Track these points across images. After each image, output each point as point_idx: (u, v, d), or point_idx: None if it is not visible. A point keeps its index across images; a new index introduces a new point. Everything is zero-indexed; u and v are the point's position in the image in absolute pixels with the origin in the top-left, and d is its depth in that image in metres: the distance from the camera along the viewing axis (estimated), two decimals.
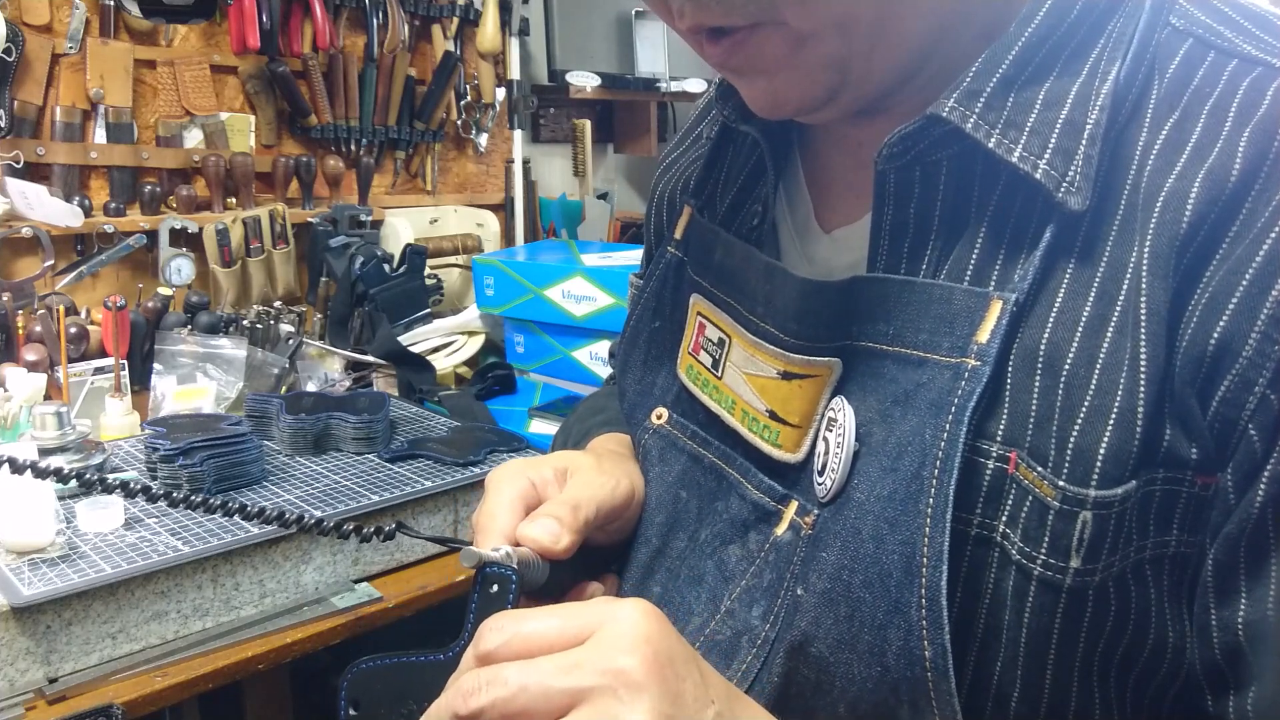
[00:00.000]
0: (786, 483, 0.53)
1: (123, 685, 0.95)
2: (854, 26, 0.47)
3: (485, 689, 0.41)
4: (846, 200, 0.58)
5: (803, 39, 0.47)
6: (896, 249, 0.51)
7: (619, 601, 0.44)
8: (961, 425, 0.45)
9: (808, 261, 0.58)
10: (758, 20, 0.47)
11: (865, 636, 0.46)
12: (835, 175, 0.59)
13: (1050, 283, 0.46)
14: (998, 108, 0.47)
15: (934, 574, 0.43)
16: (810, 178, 0.60)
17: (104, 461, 1.24)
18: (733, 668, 0.52)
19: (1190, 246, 0.44)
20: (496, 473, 0.59)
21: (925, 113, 0.48)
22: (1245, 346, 0.42)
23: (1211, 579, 0.44)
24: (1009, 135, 0.46)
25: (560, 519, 0.54)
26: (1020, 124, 0.47)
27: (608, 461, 0.62)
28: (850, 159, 0.57)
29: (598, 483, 0.58)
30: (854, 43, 0.47)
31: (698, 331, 0.59)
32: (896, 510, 0.46)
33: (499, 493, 0.57)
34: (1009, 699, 0.47)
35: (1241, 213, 0.43)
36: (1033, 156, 0.46)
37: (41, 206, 1.58)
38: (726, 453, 0.57)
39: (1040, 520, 0.44)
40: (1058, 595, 0.44)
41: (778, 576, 0.52)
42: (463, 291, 2.13)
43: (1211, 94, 0.46)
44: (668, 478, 0.61)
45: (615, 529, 0.60)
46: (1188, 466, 0.44)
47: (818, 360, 0.51)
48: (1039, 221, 0.47)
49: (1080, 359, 0.44)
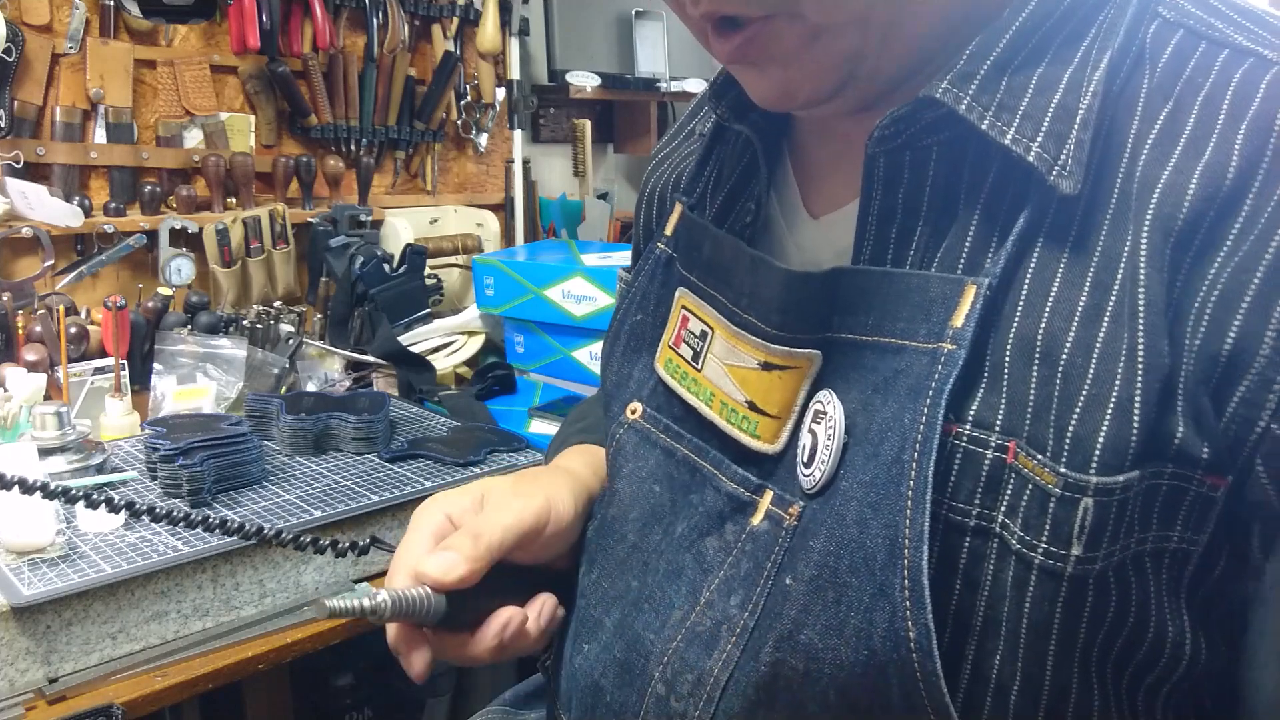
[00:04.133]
0: (761, 473, 0.54)
1: (123, 685, 0.95)
2: (871, 22, 0.47)
3: None
4: (834, 186, 0.58)
5: (818, 32, 0.47)
6: (884, 234, 0.51)
7: None
8: (939, 409, 0.45)
9: (798, 248, 0.59)
10: (774, 11, 0.47)
11: (853, 620, 0.46)
12: (822, 162, 0.59)
13: (1045, 271, 0.46)
14: (991, 91, 0.47)
15: (915, 555, 0.44)
16: (797, 165, 0.61)
17: (104, 462, 1.24)
18: (713, 657, 0.52)
19: (1191, 242, 0.44)
20: (419, 509, 0.61)
21: (918, 95, 0.48)
22: (1262, 345, 0.42)
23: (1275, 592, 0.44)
24: (1002, 118, 0.47)
25: (459, 549, 0.55)
26: (1013, 107, 0.47)
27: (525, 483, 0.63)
28: (837, 146, 0.58)
29: (508, 507, 0.59)
30: (869, 38, 0.47)
31: (680, 325, 0.60)
32: (879, 495, 0.46)
33: (414, 529, 0.59)
34: (1009, 691, 0.47)
35: (1244, 209, 0.43)
36: (1025, 139, 0.46)
37: (41, 206, 1.58)
38: (700, 446, 0.58)
39: (1041, 508, 0.44)
40: (1058, 584, 0.45)
41: (755, 566, 0.52)
42: (463, 291, 2.13)
43: (1204, 85, 0.46)
44: (641, 473, 0.61)
45: (538, 548, 0.61)
46: (1198, 465, 0.44)
47: (798, 352, 0.51)
48: (1030, 207, 0.47)
49: (1077, 348, 0.45)
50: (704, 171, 0.66)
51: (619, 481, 0.62)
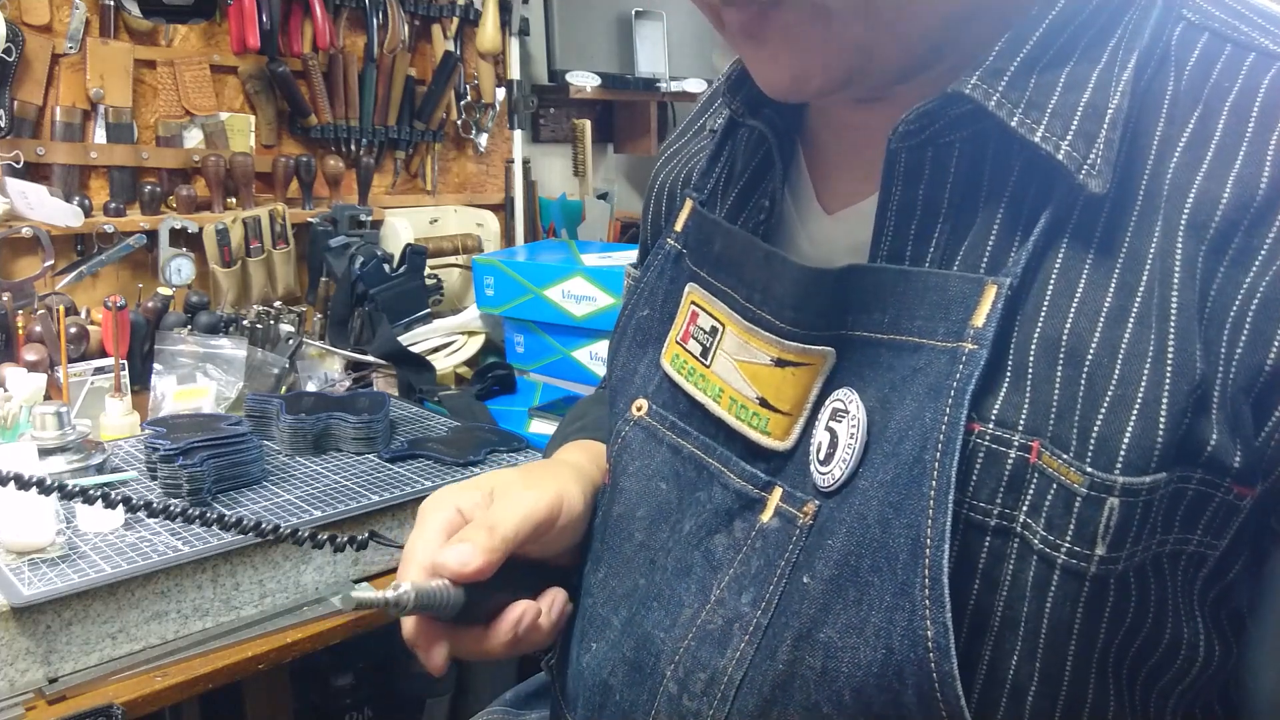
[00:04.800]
0: (770, 469, 0.54)
1: (123, 685, 0.95)
2: (879, 8, 0.46)
3: None
4: (848, 182, 0.58)
5: (829, 16, 0.47)
6: (903, 230, 0.51)
7: None
8: (961, 408, 0.45)
9: (811, 244, 0.58)
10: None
11: (874, 619, 0.46)
12: (837, 158, 0.59)
13: (1070, 271, 0.46)
14: (1020, 88, 0.47)
15: (937, 554, 0.44)
16: (810, 160, 0.60)
17: (104, 462, 1.24)
18: (726, 656, 0.52)
19: (1226, 248, 0.44)
20: (427, 502, 0.60)
21: (946, 90, 0.47)
22: None
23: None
24: (1031, 115, 0.46)
25: (475, 542, 0.54)
26: (1042, 105, 0.47)
27: (535, 475, 0.62)
28: (852, 142, 0.57)
29: (520, 499, 0.59)
30: (877, 25, 0.47)
31: (690, 320, 0.59)
32: (900, 494, 0.46)
33: (424, 523, 0.58)
34: (1025, 693, 0.47)
35: (1278, 216, 0.43)
36: (1054, 138, 0.46)
37: (41, 206, 1.58)
38: (706, 443, 0.57)
39: (1066, 507, 0.44)
40: (1081, 584, 0.44)
41: (767, 563, 0.52)
42: (463, 291, 2.13)
43: (1231, 89, 0.46)
44: (648, 470, 0.61)
45: (549, 541, 0.60)
46: (1228, 473, 0.44)
47: (813, 349, 0.51)
48: (1053, 206, 0.47)
49: (1103, 349, 0.45)
50: (715, 167, 0.65)
51: (625, 479, 0.62)
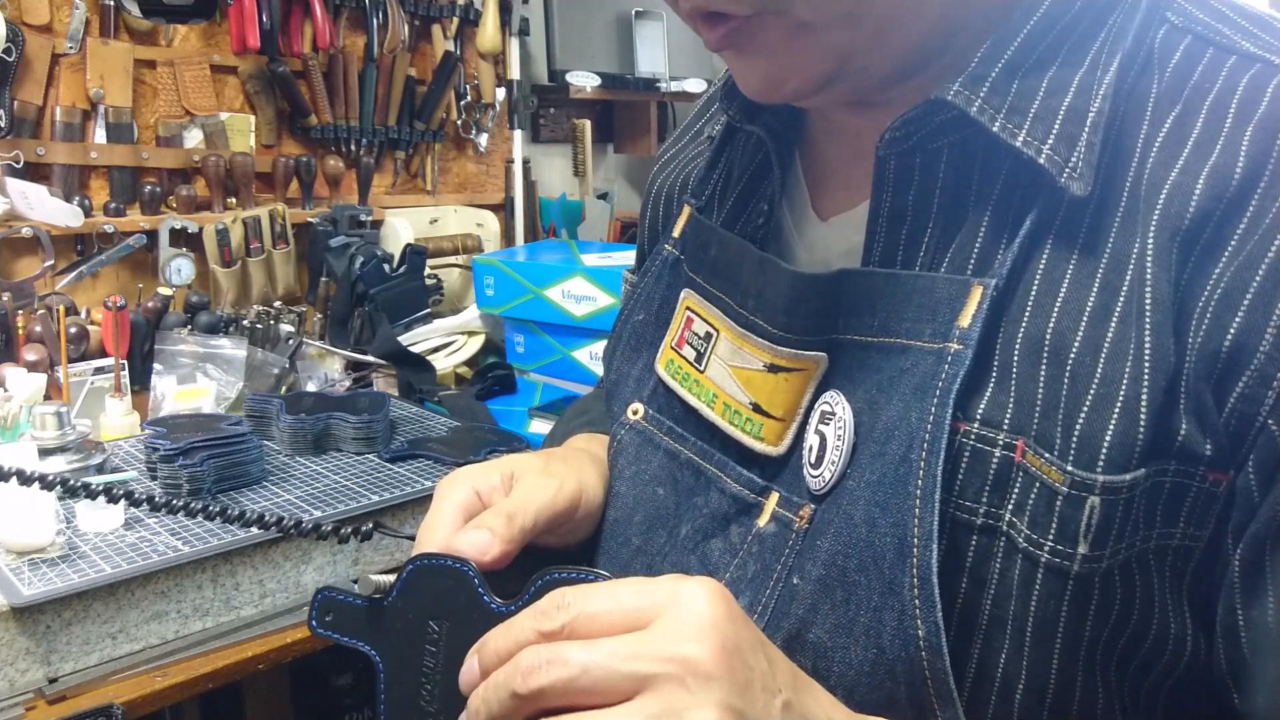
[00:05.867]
0: (766, 475, 0.54)
1: (123, 685, 0.95)
2: (862, 19, 0.47)
3: (546, 668, 0.40)
4: (843, 188, 0.58)
5: (805, 27, 0.47)
6: (894, 236, 0.51)
7: (687, 582, 0.43)
8: (947, 408, 0.45)
9: (806, 250, 0.59)
10: (762, 10, 0.47)
11: (862, 619, 0.46)
12: (832, 164, 0.59)
13: (1054, 272, 0.47)
14: (1002, 93, 0.47)
15: (925, 553, 0.44)
16: (806, 166, 0.61)
17: (104, 461, 1.24)
18: None
19: (1196, 241, 0.44)
20: (444, 482, 0.58)
21: (929, 97, 0.48)
22: (1262, 342, 0.42)
23: (1239, 578, 0.44)
24: (1013, 120, 0.47)
25: (493, 529, 0.53)
26: (1024, 110, 0.47)
27: (555, 463, 0.61)
28: (847, 149, 0.58)
29: (540, 487, 0.57)
30: (859, 35, 0.47)
31: (685, 326, 0.60)
32: (887, 494, 0.46)
33: (441, 503, 0.56)
34: (1014, 689, 0.47)
35: (1249, 209, 0.43)
36: (1036, 141, 0.46)
37: (41, 206, 1.58)
38: (703, 448, 0.57)
39: (1048, 506, 0.44)
40: (1064, 582, 0.45)
41: (763, 568, 0.52)
42: (463, 291, 2.13)
43: (1211, 89, 0.46)
44: (644, 475, 0.61)
45: (566, 531, 0.60)
46: (1200, 461, 0.44)
47: (805, 354, 0.51)
48: (1038, 208, 0.47)
49: (1085, 348, 0.45)
50: (713, 173, 0.66)
51: (620, 483, 0.62)
